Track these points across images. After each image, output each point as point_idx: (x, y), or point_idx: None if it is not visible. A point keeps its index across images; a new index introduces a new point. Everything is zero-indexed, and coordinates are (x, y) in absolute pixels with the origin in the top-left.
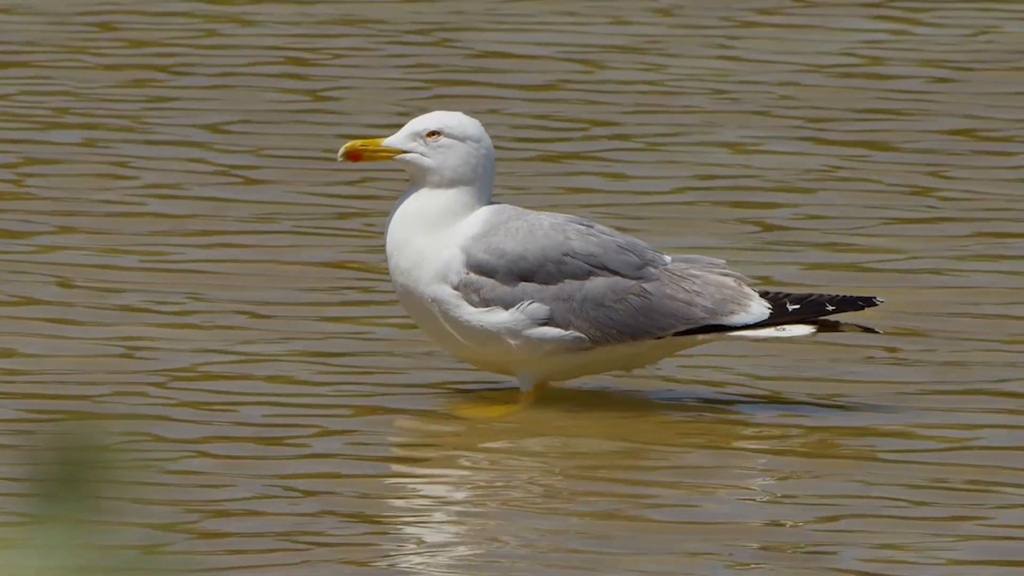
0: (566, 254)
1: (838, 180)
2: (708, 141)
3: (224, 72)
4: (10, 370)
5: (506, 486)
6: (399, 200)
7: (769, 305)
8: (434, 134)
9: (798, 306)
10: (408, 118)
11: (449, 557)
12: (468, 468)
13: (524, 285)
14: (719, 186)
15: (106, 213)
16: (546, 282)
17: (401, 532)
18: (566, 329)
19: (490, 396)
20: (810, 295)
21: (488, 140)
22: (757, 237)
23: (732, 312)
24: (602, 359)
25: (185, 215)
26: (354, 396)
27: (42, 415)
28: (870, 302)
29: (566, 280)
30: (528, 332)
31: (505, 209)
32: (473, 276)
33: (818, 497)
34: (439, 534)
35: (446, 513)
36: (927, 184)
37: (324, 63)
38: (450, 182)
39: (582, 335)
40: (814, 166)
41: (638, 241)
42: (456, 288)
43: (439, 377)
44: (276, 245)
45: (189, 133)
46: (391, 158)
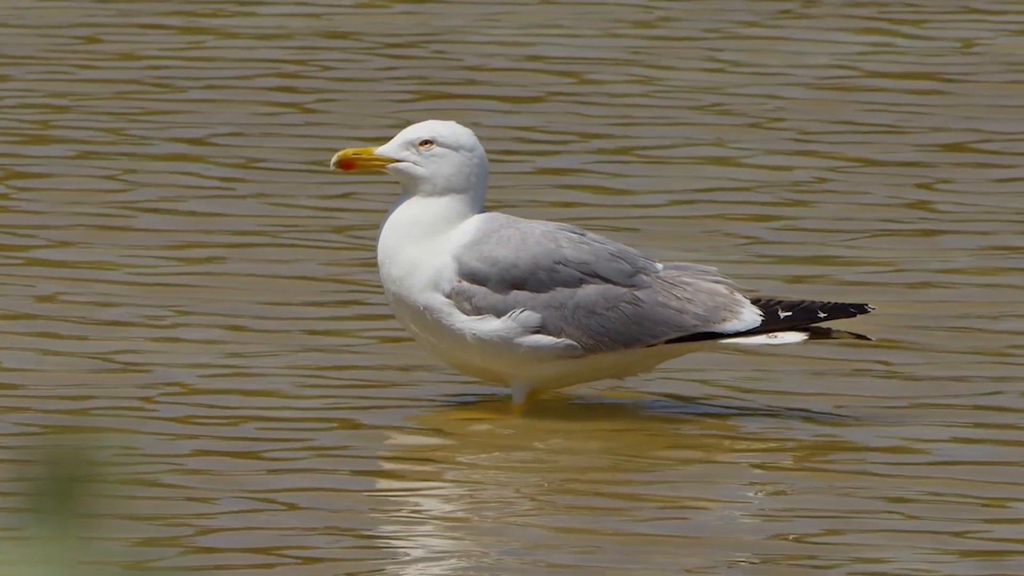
0: (558, 262)
1: (827, 192)
2: (699, 153)
3: (211, 85)
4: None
5: (496, 498)
6: (391, 208)
7: (761, 312)
8: (427, 143)
9: (790, 313)
10: (396, 130)
11: (438, 570)
12: (458, 480)
13: (516, 293)
14: (708, 199)
15: (93, 226)
16: (538, 290)
17: (390, 545)
18: (558, 337)
19: (482, 406)
20: (802, 302)
21: (481, 149)
22: (747, 248)
23: (724, 319)
24: (594, 367)
25: (173, 229)
26: (344, 408)
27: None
28: (862, 309)
29: (558, 288)
30: (520, 340)
31: (497, 217)
32: (465, 284)
33: (811, 510)
34: (428, 547)
35: (435, 525)
36: (917, 196)
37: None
38: (443, 191)
39: (574, 343)
40: (804, 178)
41: (630, 249)
42: (448, 296)
43: (429, 388)
44: (265, 259)
45: (176, 146)
46: (384, 167)
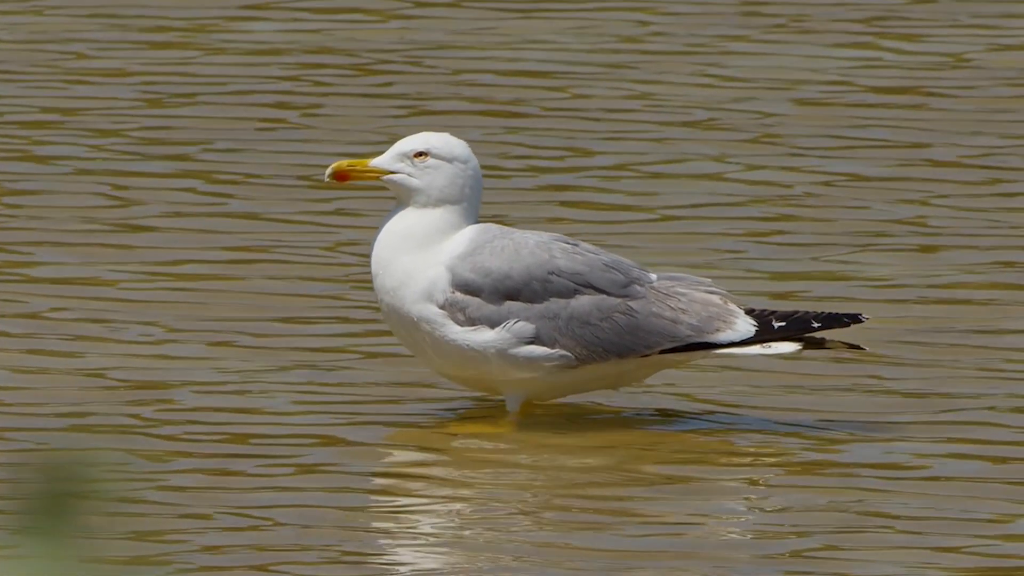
0: (551, 272)
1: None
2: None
3: (203, 101)
4: None
5: (490, 509)
6: (384, 219)
7: (755, 322)
8: (421, 155)
9: (784, 323)
10: (388, 144)
11: None
12: (449, 495)
13: (510, 304)
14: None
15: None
16: (532, 300)
17: (382, 562)
18: (552, 347)
19: (474, 419)
20: (796, 312)
21: (475, 161)
22: (738, 262)
23: (718, 329)
24: (588, 377)
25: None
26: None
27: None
28: (856, 319)
29: (552, 298)
30: (514, 351)
31: (491, 228)
32: (459, 295)
33: (803, 525)
34: (420, 564)
35: (427, 541)
36: (910, 210)
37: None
38: (437, 202)
39: (568, 353)
40: (796, 191)
41: (623, 259)
42: (442, 307)
43: (421, 403)
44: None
45: (168, 162)
46: (378, 179)
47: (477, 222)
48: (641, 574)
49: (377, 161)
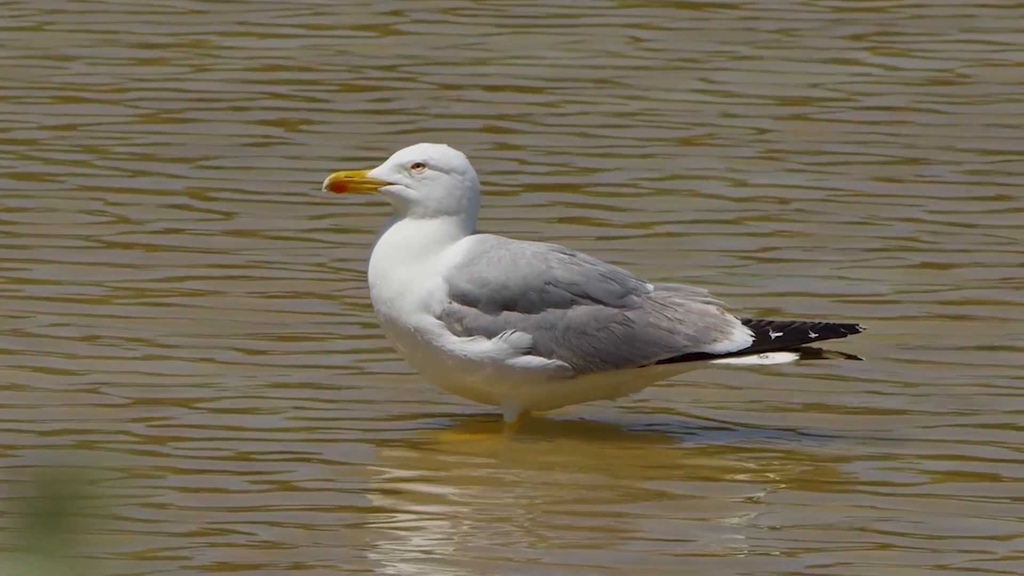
0: (548, 283)
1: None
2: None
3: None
4: None
5: (485, 524)
6: (381, 230)
7: (752, 333)
8: (419, 166)
9: (781, 334)
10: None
11: None
12: (448, 504)
13: (507, 314)
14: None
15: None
16: (529, 311)
17: (380, 567)
18: (549, 358)
19: (473, 426)
20: (793, 322)
21: (473, 172)
22: (735, 274)
23: (715, 340)
24: (585, 388)
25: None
26: (332, 433)
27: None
28: (853, 329)
29: (549, 309)
30: (511, 361)
31: (488, 239)
32: (456, 305)
33: (802, 529)
34: (421, 567)
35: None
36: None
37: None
38: (434, 213)
39: (565, 364)
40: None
41: (620, 269)
42: (439, 318)
43: (420, 409)
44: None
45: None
46: (376, 190)
47: (475, 233)
48: None
49: (375, 172)
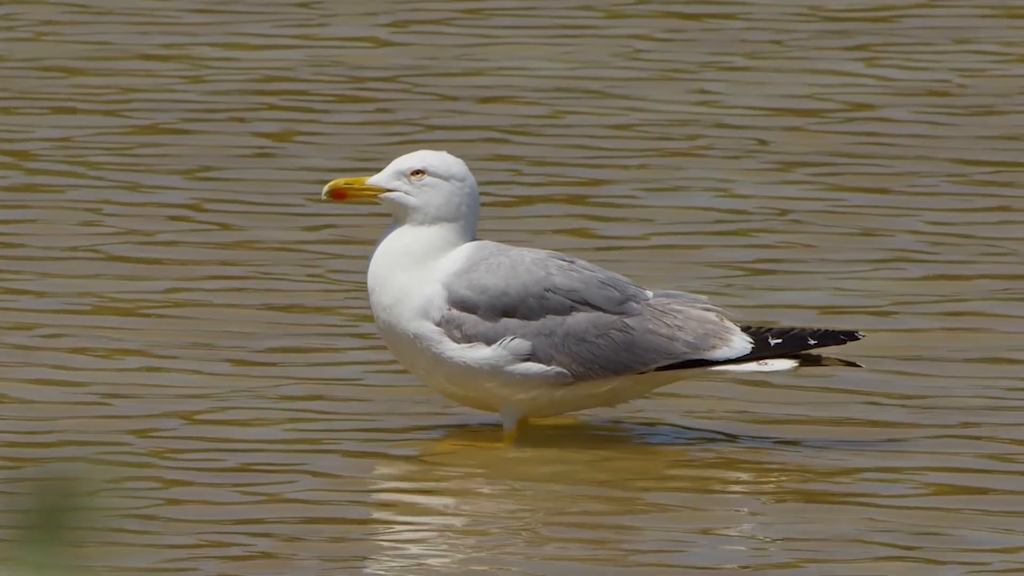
0: (548, 289)
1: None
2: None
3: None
4: None
5: (484, 531)
6: (381, 236)
7: (751, 339)
8: (418, 173)
9: (780, 340)
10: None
11: None
12: (446, 511)
13: (506, 321)
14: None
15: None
16: (528, 318)
17: None
18: (548, 365)
19: (472, 434)
20: (792, 329)
21: (472, 179)
22: (733, 283)
23: (714, 347)
24: (584, 395)
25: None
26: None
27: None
28: (852, 336)
29: (548, 315)
30: (510, 368)
31: (487, 245)
32: (455, 312)
33: (802, 540)
34: None
35: (423, 560)
36: (905, 228)
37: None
38: (434, 220)
39: (564, 370)
40: (790, 210)
41: (620, 276)
42: (438, 324)
43: (418, 417)
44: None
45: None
46: (375, 197)
47: (474, 240)
48: None
49: (374, 179)
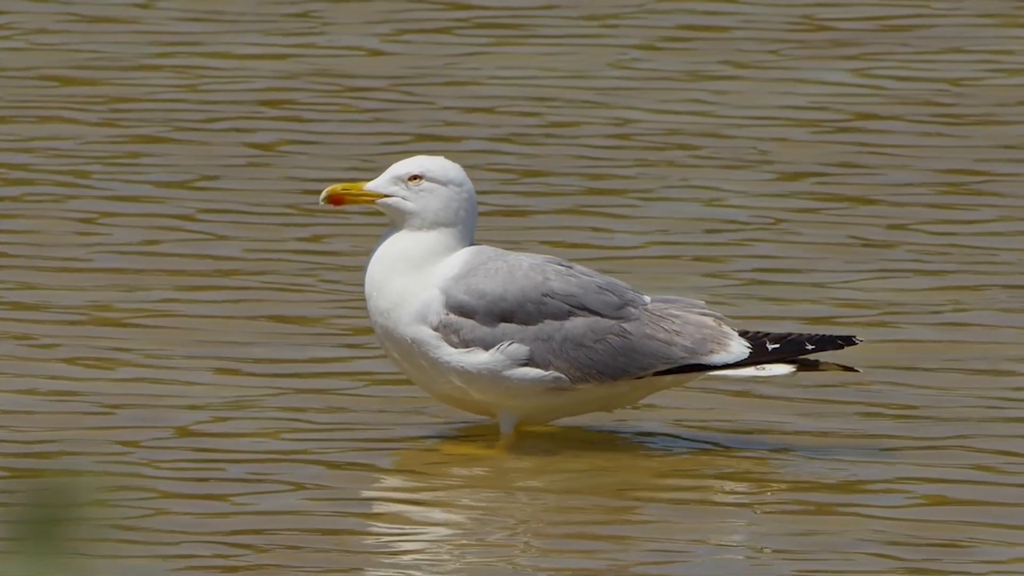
0: (546, 294)
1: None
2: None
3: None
4: None
5: (482, 535)
6: (378, 241)
7: (749, 344)
8: (416, 178)
9: (778, 345)
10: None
11: None
12: (444, 515)
13: (504, 326)
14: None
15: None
16: (526, 323)
17: None
18: (546, 369)
19: (469, 439)
20: (790, 334)
21: (470, 184)
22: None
23: (712, 351)
24: (582, 399)
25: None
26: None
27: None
28: (850, 341)
29: (546, 320)
30: (508, 373)
31: (485, 250)
32: (453, 317)
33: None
34: None
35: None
36: (903, 236)
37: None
38: (432, 225)
39: (562, 375)
40: (788, 217)
41: (618, 281)
42: (436, 329)
43: (415, 421)
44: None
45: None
46: (373, 202)
47: (472, 244)
48: None
49: (372, 184)
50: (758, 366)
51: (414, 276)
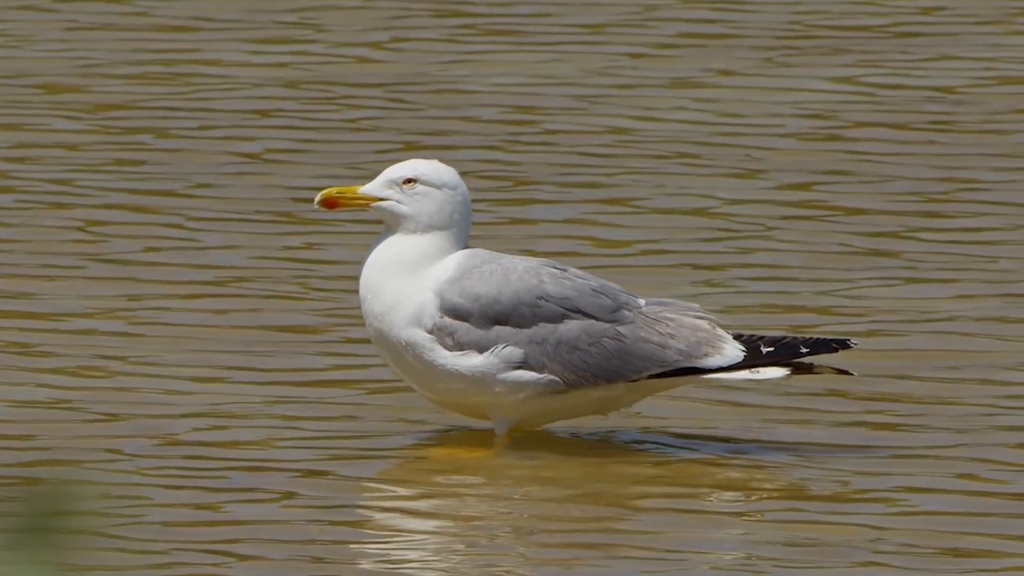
0: (540, 297)
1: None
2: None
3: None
4: None
5: (475, 540)
6: (373, 245)
7: (743, 347)
8: (410, 181)
9: (772, 348)
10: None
11: None
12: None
13: (498, 329)
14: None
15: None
16: (520, 325)
17: None
18: (540, 372)
19: (463, 442)
20: (784, 337)
21: (464, 187)
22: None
23: (706, 355)
24: (577, 403)
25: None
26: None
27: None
28: (844, 344)
29: (540, 323)
30: (502, 376)
31: (479, 253)
32: (447, 320)
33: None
34: None
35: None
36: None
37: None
38: (426, 228)
39: (556, 378)
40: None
41: (612, 284)
42: (430, 332)
43: (409, 425)
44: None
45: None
46: (367, 206)
47: (467, 247)
48: None
49: (366, 188)
50: (752, 369)
51: (409, 279)
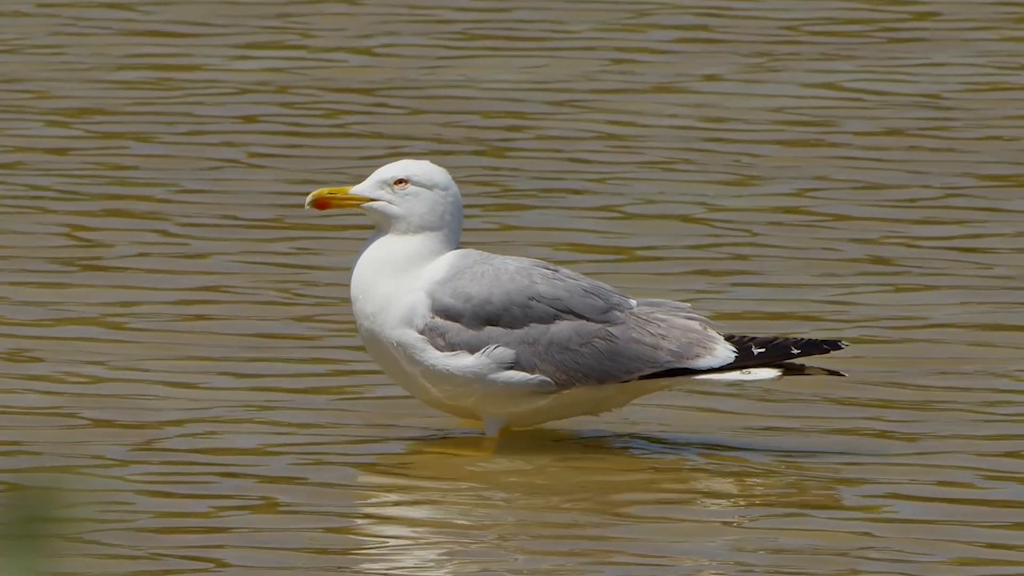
0: (532, 298)
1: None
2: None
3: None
4: None
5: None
6: (364, 246)
7: (735, 348)
8: (401, 182)
9: (763, 349)
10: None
11: None
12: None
13: (490, 329)
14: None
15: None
16: (512, 326)
17: None
18: (532, 373)
19: (454, 443)
20: (775, 338)
21: (455, 188)
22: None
23: (698, 355)
24: (568, 403)
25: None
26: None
27: None
28: (835, 346)
29: (532, 324)
30: (494, 376)
31: (471, 254)
32: (439, 320)
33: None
34: None
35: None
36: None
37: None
38: (417, 229)
39: (548, 379)
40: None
41: (604, 285)
42: (421, 332)
43: (400, 425)
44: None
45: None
46: (359, 206)
47: (458, 248)
48: None
49: (357, 188)
50: (744, 370)
51: (400, 280)
